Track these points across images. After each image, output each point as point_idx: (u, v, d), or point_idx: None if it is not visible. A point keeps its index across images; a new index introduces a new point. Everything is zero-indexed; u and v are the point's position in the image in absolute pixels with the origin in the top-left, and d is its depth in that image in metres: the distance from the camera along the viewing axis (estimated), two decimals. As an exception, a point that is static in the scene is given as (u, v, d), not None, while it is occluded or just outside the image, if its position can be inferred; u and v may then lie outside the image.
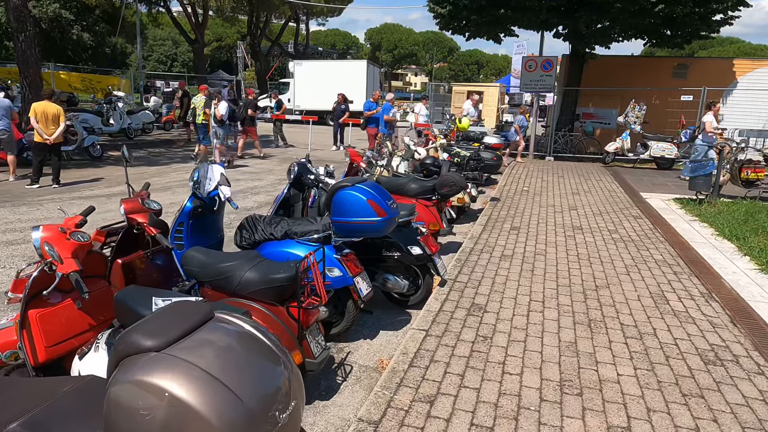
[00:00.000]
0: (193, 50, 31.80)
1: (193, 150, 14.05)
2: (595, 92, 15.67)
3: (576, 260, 5.30)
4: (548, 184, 10.17)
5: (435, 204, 5.90)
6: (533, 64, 13.85)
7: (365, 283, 3.70)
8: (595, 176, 11.43)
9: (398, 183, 5.99)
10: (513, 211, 7.60)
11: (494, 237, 6.15)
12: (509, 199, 8.49)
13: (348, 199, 3.44)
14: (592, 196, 8.95)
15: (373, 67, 26.12)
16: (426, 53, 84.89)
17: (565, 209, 7.85)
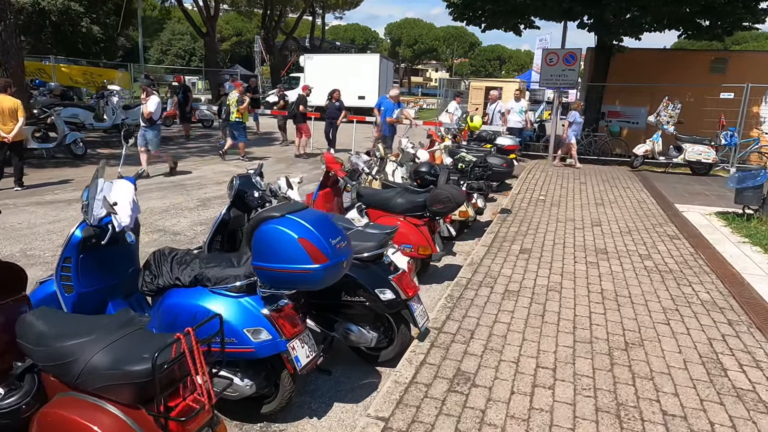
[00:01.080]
0: (205, 43, 31.12)
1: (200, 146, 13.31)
2: (623, 88, 14.34)
3: (599, 300, 4.19)
4: (568, 191, 9.01)
5: (426, 223, 4.86)
6: (554, 57, 12.62)
7: (306, 347, 2.69)
8: (621, 182, 10.21)
9: (383, 197, 4.97)
10: (525, 227, 6.49)
11: (499, 263, 5.08)
12: (522, 211, 7.38)
13: (273, 236, 2.42)
14: (618, 208, 7.78)
15: (386, 61, 25.04)
16: (447, 48, 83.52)
17: (587, 225, 6.72)
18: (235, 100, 11.58)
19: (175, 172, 9.54)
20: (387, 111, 10.19)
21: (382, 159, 6.52)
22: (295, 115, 12.94)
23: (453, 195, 4.63)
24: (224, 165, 11.22)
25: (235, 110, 11.51)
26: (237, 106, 11.54)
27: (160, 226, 6.41)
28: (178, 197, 7.97)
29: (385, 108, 10.35)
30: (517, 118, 12.54)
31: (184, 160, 11.63)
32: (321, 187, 5.18)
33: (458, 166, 6.80)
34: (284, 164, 11.64)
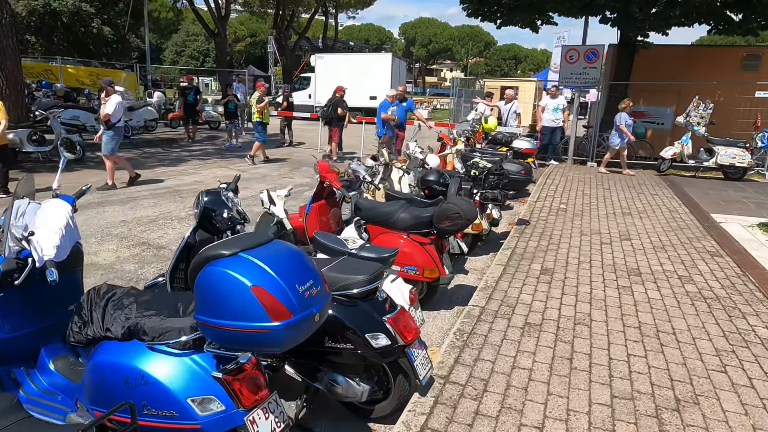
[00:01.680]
0: (215, 44, 30.81)
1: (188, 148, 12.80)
2: (647, 87, 13.54)
3: (638, 337, 3.54)
4: (591, 199, 8.31)
5: (433, 241, 4.24)
6: (575, 54, 11.89)
7: (273, 418, 2.09)
8: (649, 188, 9.46)
9: (383, 211, 4.36)
10: (545, 242, 5.83)
11: (517, 286, 4.43)
12: (541, 222, 6.71)
13: (218, 283, 1.82)
14: (648, 219, 7.07)
15: (399, 60, 24.43)
16: (461, 48, 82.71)
17: (615, 239, 6.03)
18: (256, 99, 11.38)
19: (136, 182, 8.70)
20: (382, 108, 9.62)
21: (386, 165, 5.93)
22: (331, 119, 12.25)
23: (464, 210, 4.00)
24: (226, 169, 10.71)
25: (256, 111, 11.36)
26: (256, 105, 11.37)
27: (145, 239, 5.88)
28: (170, 205, 7.45)
29: (380, 105, 9.78)
30: (551, 117, 11.80)
31: (184, 164, 11.16)
32: (314, 198, 4.59)
33: (471, 174, 6.18)
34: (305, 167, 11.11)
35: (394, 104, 10.14)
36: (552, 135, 12.08)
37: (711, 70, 13.05)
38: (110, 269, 4.93)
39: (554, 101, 11.93)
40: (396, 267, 4.16)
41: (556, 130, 12.10)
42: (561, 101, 11.90)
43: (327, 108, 12.25)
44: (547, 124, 11.95)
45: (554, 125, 11.97)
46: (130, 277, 4.76)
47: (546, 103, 11.97)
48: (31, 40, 27.33)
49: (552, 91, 12.07)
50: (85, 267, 5.07)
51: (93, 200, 7.53)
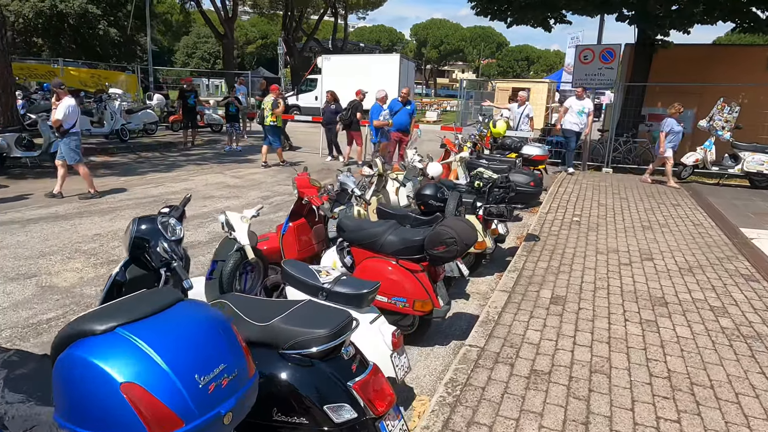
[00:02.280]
0: (222, 45, 30.51)
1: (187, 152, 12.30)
2: (665, 89, 12.82)
3: (668, 392, 2.93)
4: (607, 210, 7.67)
5: (426, 267, 3.68)
6: (590, 54, 11.25)
7: None
8: (669, 198, 8.79)
9: (369, 232, 3.79)
10: (557, 261, 5.23)
11: (523, 320, 3.85)
12: (552, 237, 6.11)
13: (78, 376, 1.28)
14: (671, 234, 6.42)
15: (407, 61, 23.88)
16: (473, 49, 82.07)
17: (635, 258, 5.41)
18: (270, 103, 10.94)
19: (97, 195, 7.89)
20: (374, 114, 9.04)
21: (380, 176, 5.37)
22: (350, 123, 11.72)
23: (460, 234, 3.43)
24: (221, 175, 10.23)
25: (270, 114, 10.92)
26: (272, 109, 10.92)
27: (115, 256, 5.38)
28: (153, 216, 6.95)
29: (371, 110, 9.19)
30: (575, 120, 10.89)
31: (178, 169, 10.70)
32: (292, 216, 4.04)
33: (475, 185, 5.60)
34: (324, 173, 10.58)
35: (397, 107, 9.57)
36: (572, 139, 11.20)
37: (733, 71, 12.32)
38: (68, 293, 4.43)
39: (580, 103, 10.95)
40: (382, 298, 3.61)
41: (579, 135, 11.17)
42: (588, 104, 10.97)
43: (347, 112, 11.70)
44: (569, 127, 11.01)
45: (577, 129, 11.02)
46: (89, 302, 4.26)
47: (571, 104, 11.06)
48: (38, 42, 27.21)
49: (578, 92, 11.04)
50: (41, 290, 4.63)
51: (72, 210, 7.07)
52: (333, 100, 11.78)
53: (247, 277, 3.33)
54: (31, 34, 26.84)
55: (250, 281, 3.35)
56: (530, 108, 11.03)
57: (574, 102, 11.02)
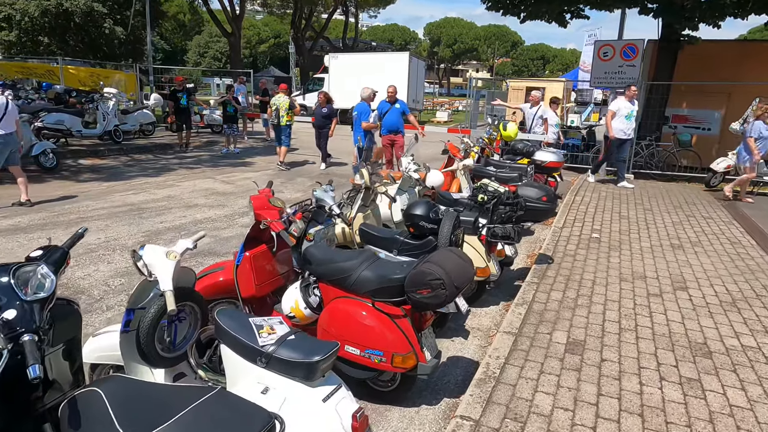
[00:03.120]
0: (229, 44, 29.99)
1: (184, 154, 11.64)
2: (691, 88, 11.91)
3: (727, 500, 2.16)
4: (630, 224, 6.85)
5: (409, 312, 2.93)
6: (610, 50, 10.40)
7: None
8: (699, 209, 7.92)
9: (341, 265, 3.06)
10: (573, 292, 4.45)
11: (532, 376, 3.08)
12: (568, 260, 5.32)
13: None
14: (706, 255, 5.59)
15: (417, 59, 23.10)
16: (488, 48, 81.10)
17: (666, 287, 4.60)
18: (286, 103, 10.83)
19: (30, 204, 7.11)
20: (362, 115, 8.24)
21: (367, 190, 4.63)
22: None
23: (451, 273, 2.68)
24: (212, 180, 9.58)
25: (286, 114, 10.83)
26: (288, 110, 10.85)
27: (66, 276, 4.72)
28: (123, 228, 6.31)
29: (359, 112, 8.38)
30: (623, 125, 9.45)
31: (167, 174, 10.08)
32: (248, 244, 3.32)
33: (479, 199, 4.84)
34: (301, 177, 9.90)
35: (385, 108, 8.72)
36: (620, 149, 9.75)
37: (764, 69, 11.37)
38: None
39: (629, 106, 9.43)
40: (353, 350, 2.89)
41: (625, 143, 9.75)
42: (635, 107, 9.69)
43: None
44: (619, 135, 9.44)
45: (624, 137, 9.53)
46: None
47: (618, 106, 9.44)
48: (44, 41, 26.94)
49: (629, 93, 9.46)
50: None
51: (37, 220, 6.45)
52: (325, 101, 10.93)
53: (178, 328, 2.62)
54: (37, 33, 26.57)
55: (183, 332, 2.64)
56: (544, 109, 10.20)
57: (622, 104, 9.49)
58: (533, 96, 10.23)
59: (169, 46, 67.84)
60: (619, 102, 9.55)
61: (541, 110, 10.14)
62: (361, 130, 8.17)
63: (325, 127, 10.77)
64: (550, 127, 10.12)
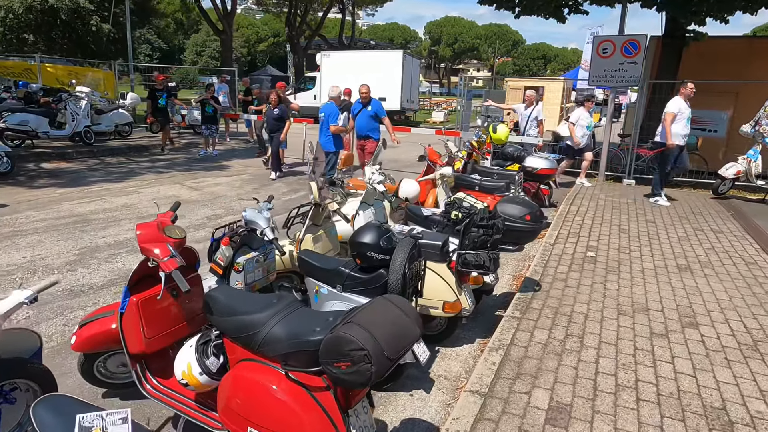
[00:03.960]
0: (221, 42, 29.26)
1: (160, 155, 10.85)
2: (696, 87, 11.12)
3: None
4: (630, 239, 6.11)
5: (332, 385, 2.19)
6: (609, 47, 9.65)
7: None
8: (707, 220, 7.18)
9: (245, 319, 2.32)
10: (561, 331, 3.71)
11: (499, 463, 2.35)
12: (558, 285, 4.58)
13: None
14: (718, 278, 4.85)
15: (411, 58, 22.36)
16: (488, 47, 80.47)
17: (673, 324, 3.86)
18: None
19: None
20: (329, 117, 7.44)
21: (316, 206, 3.90)
22: None
23: (382, 341, 1.93)
24: (179, 186, 8.85)
25: None
26: None
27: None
28: (56, 244, 5.58)
29: (326, 114, 7.57)
30: (683, 130, 8.22)
31: (133, 179, 9.36)
32: (136, 286, 2.59)
33: (452, 216, 4.11)
34: (279, 182, 9.16)
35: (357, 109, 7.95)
36: (680, 156, 8.50)
37: (773, 67, 10.64)
38: None
39: (683, 109, 8.23)
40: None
41: (683, 153, 8.57)
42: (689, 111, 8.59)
43: None
44: (678, 142, 8.23)
45: (682, 143, 8.34)
46: None
47: (679, 107, 8.19)
48: (29, 39, 26.22)
49: (686, 91, 8.30)
50: None
51: (-38, 236, 5.74)
52: (278, 101, 9.65)
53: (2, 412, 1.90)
54: (22, 30, 25.87)
55: (13, 416, 1.92)
56: (540, 110, 9.46)
57: (683, 104, 8.20)
58: (528, 96, 9.49)
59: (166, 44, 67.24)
60: (679, 103, 8.26)
61: (536, 111, 9.40)
62: (329, 133, 7.39)
63: (277, 131, 9.59)
64: (580, 128, 9.43)
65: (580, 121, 9.49)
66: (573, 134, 9.48)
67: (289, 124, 9.70)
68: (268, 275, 3.54)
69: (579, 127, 9.48)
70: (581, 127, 9.50)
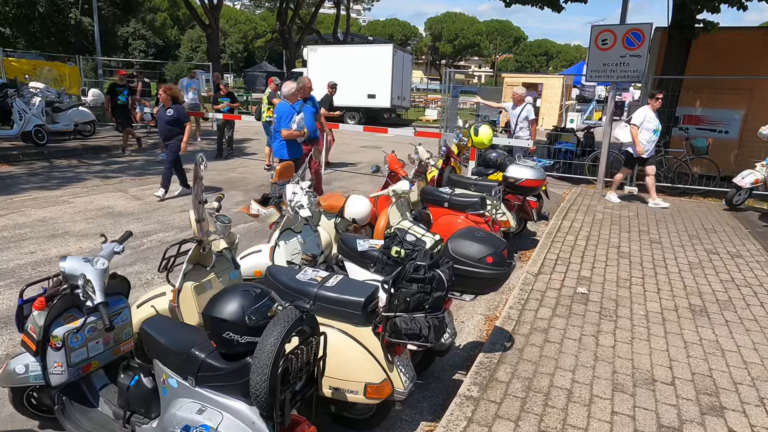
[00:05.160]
0: (207, 36, 28.16)
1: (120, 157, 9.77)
2: (706, 83, 10.09)
3: None
4: (631, 267, 5.04)
5: None
6: (610, 37, 8.55)
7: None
8: (724, 241, 6.10)
9: None
10: (532, 425, 2.65)
11: None
12: (536, 340, 3.52)
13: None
14: (744, 328, 3.78)
15: (402, 52, 21.23)
16: (490, 43, 79.40)
17: (689, 412, 2.80)
18: (266, 96, 9.94)
19: None
20: (281, 119, 6.23)
21: (198, 244, 2.84)
22: None
23: None
24: (122, 195, 7.81)
25: (266, 109, 9.78)
26: (269, 104, 9.63)
27: None
28: (-76, 275, 4.54)
29: (278, 116, 6.33)
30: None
31: (73, 185, 8.32)
32: None
33: (393, 254, 3.06)
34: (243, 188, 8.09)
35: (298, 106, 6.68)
36: None
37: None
38: None
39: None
40: None
41: None
42: None
43: None
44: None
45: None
46: None
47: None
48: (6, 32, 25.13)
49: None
50: None
51: None
52: (170, 100, 7.33)
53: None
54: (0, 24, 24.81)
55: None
56: (530, 108, 8.37)
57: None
58: (515, 94, 8.40)
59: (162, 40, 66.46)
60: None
61: (526, 110, 8.32)
62: (280, 139, 6.24)
63: (172, 137, 7.40)
64: (646, 132, 7.76)
65: (645, 124, 7.72)
66: (636, 140, 7.71)
67: (189, 129, 7.44)
68: (117, 346, 2.51)
69: (644, 131, 7.74)
70: (647, 131, 7.76)
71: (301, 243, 3.69)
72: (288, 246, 3.58)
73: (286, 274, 2.78)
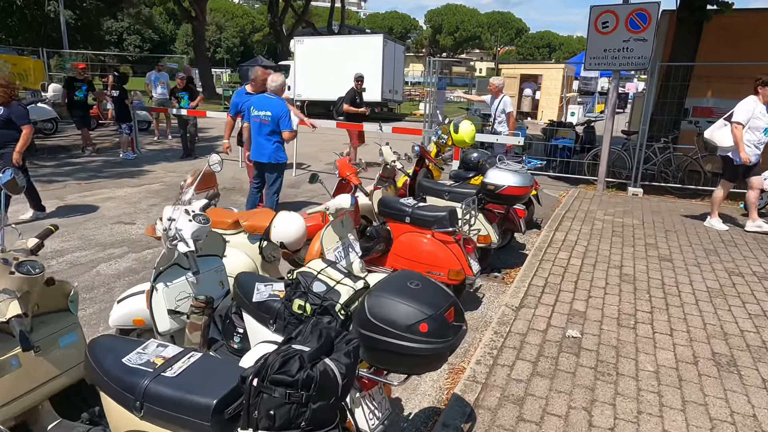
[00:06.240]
0: (192, 28, 27.19)
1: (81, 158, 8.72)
2: (718, 72, 9.07)
3: None
4: (636, 296, 4.08)
5: None
6: (611, 19, 7.56)
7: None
8: (746, 254, 5.13)
9: None
10: None
11: None
12: (506, 413, 2.57)
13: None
14: (788, 395, 2.83)
15: (393, 44, 20.18)
16: (491, 36, 78.19)
17: None
18: None
19: None
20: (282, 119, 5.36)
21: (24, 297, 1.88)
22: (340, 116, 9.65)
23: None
24: (54, 203, 6.89)
25: None
26: None
27: None
28: None
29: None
30: None
31: None
32: None
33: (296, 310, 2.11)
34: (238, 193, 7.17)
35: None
36: None
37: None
38: None
39: None
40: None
41: None
42: None
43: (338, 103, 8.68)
44: None
45: None
46: None
47: None
48: (-16, 27, 24.20)
49: None
50: None
51: None
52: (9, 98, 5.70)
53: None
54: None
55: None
56: (507, 101, 7.39)
57: None
58: (492, 84, 7.40)
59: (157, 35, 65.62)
60: None
61: (503, 103, 7.33)
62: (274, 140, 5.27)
63: (6, 146, 5.80)
64: (752, 133, 5.83)
65: (752, 122, 5.77)
66: (739, 144, 5.74)
67: (26, 134, 5.83)
68: None
69: (750, 131, 5.81)
70: (755, 132, 5.82)
71: (193, 283, 2.73)
72: (171, 289, 2.63)
73: (113, 354, 1.83)
